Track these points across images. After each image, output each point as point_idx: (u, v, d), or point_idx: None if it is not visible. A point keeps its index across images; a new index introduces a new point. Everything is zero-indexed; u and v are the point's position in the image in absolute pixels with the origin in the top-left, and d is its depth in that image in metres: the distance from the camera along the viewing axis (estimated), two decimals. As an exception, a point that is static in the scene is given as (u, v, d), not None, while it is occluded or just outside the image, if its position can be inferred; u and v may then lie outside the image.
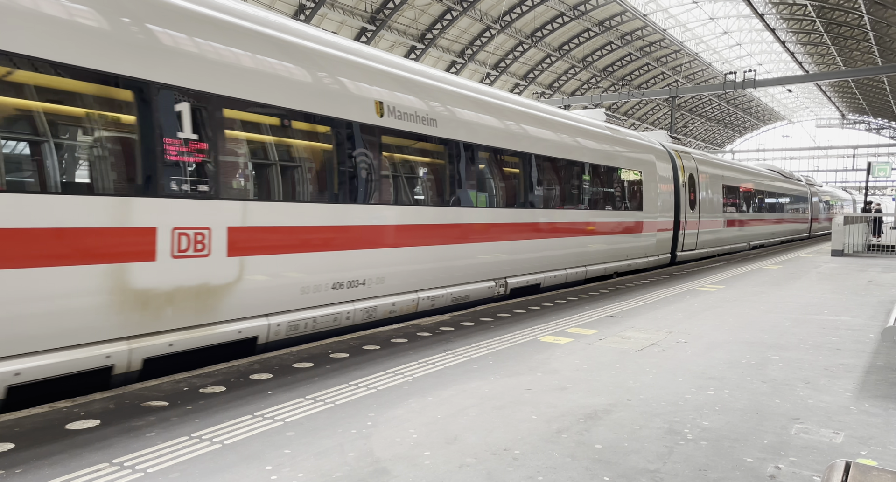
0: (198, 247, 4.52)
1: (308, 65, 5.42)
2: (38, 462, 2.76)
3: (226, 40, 4.80)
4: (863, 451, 3.03)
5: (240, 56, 4.87)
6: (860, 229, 16.79)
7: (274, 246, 5.05)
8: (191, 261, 4.46)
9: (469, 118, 7.30)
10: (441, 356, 4.77)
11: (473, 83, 8.13)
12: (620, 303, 7.55)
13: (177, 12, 4.57)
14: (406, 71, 6.73)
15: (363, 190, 5.87)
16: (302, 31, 5.69)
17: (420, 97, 6.62)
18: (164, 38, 4.37)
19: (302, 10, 32.79)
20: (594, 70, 50.93)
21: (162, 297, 4.28)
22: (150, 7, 4.37)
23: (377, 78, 6.15)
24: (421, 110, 6.58)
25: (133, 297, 4.12)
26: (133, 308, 4.13)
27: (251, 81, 4.90)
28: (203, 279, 4.54)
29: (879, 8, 35.49)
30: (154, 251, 4.25)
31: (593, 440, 3.12)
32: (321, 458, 2.85)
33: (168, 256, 4.32)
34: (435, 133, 6.71)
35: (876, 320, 6.57)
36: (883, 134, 77.50)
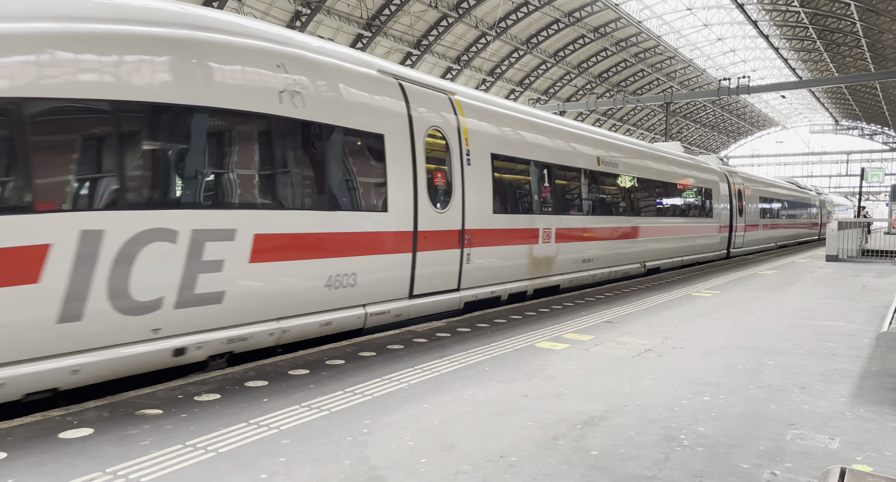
0: (546, 239, 8.65)
1: (567, 138, 9.50)
2: (30, 471, 2.74)
3: (518, 126, 8.24)
4: (858, 457, 3.04)
5: (523, 133, 8.34)
6: (854, 235, 16.88)
7: (574, 237, 9.39)
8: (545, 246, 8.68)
9: (630, 161, 11.51)
10: (437, 362, 4.76)
11: (632, 138, 12.95)
12: (616, 308, 7.56)
13: (492, 114, 7.76)
14: (609, 138, 11.19)
15: (594, 207, 10.09)
16: (548, 116, 9.43)
17: (611, 151, 10.79)
18: (504, 132, 8.00)
19: (298, 17, 32.87)
20: (589, 76, 51.17)
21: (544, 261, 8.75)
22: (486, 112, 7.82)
23: (600, 143, 10.55)
24: (613, 159, 10.80)
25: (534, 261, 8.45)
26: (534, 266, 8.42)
27: (559, 153, 9.12)
28: (548, 253, 8.77)
29: (871, 15, 35.82)
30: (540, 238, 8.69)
31: (590, 446, 3.11)
32: (317, 466, 2.84)
33: (540, 242, 8.55)
34: (616, 171, 10.88)
35: (870, 325, 6.59)
36: (876, 140, 77.99)
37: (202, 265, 4.34)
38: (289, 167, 5.00)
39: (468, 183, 6.99)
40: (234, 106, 4.56)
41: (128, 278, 3.94)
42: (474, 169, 7.10)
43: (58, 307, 3.64)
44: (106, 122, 3.87)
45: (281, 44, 5.12)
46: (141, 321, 4.05)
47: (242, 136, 4.71)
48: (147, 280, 4.04)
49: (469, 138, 7.05)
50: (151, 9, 4.35)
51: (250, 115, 4.68)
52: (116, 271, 3.88)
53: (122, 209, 3.90)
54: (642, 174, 11.89)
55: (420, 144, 6.30)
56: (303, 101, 5.08)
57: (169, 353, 4.24)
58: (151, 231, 4.04)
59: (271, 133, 4.83)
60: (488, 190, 7.36)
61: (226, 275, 4.50)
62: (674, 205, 13.40)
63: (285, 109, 4.92)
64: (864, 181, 39.46)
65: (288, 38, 5.29)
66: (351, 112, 5.56)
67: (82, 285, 3.73)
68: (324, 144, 5.31)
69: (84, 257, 3.72)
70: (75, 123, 3.80)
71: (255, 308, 4.77)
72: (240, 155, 4.69)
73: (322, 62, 5.42)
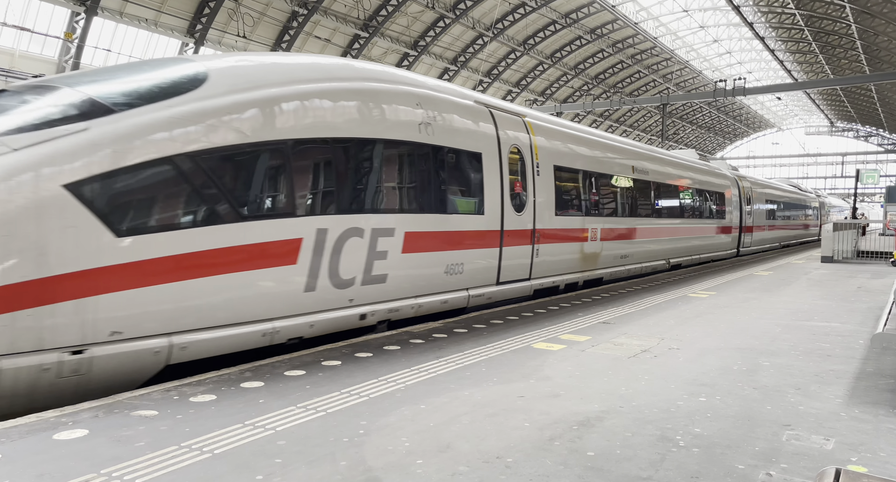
0: (593, 237, 9.92)
1: (607, 150, 10.88)
2: (25, 472, 2.72)
3: (571, 141, 9.61)
4: (853, 458, 3.04)
5: (578, 149, 9.83)
6: (849, 236, 16.94)
7: (614, 237, 10.61)
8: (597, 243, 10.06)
9: (657, 168, 12.79)
10: (433, 363, 4.75)
11: (657, 148, 14.58)
12: (613, 309, 7.57)
13: (553, 132, 9.10)
14: (640, 148, 12.71)
15: (629, 210, 11.28)
16: (592, 131, 10.92)
17: (641, 161, 12.09)
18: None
19: (295, 17, 32.79)
20: (586, 77, 51.24)
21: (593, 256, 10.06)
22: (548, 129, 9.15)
23: (634, 154, 11.97)
24: (644, 167, 12.09)
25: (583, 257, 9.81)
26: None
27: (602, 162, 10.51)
28: (595, 250, 10.02)
29: (867, 17, 35.97)
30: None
31: (586, 447, 3.11)
32: (313, 467, 2.83)
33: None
34: (647, 178, 12.15)
35: (865, 326, 6.61)
36: (871, 141, 78.31)
37: (376, 254, 5.80)
38: (424, 180, 6.46)
39: (537, 190, 8.34)
40: (394, 137, 6.05)
41: (338, 262, 5.41)
42: (542, 178, 8.46)
43: (304, 281, 5.14)
44: (327, 153, 5.43)
45: (416, 86, 6.60)
46: (344, 293, 5.53)
47: (397, 158, 6.18)
48: (348, 263, 5.50)
49: (538, 153, 8.44)
50: (344, 67, 6.05)
51: (402, 143, 6.17)
52: (333, 257, 5.35)
53: (337, 213, 5.41)
54: (667, 180, 13.16)
55: (505, 159, 7.67)
56: (432, 129, 6.54)
57: (357, 318, 5.72)
58: (351, 229, 5.51)
59: (414, 155, 6.31)
60: (552, 196, 8.70)
61: (388, 262, 5.94)
62: (694, 208, 14.69)
63: (422, 137, 6.38)
64: (859, 183, 39.61)
65: (419, 80, 6.84)
66: (461, 136, 6.98)
67: (316, 266, 5.22)
68: (445, 162, 6.74)
69: (318, 247, 5.21)
70: (312, 155, 5.33)
71: (404, 287, 6.20)
72: (396, 172, 6.19)
73: (441, 98, 6.88)
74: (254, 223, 4.75)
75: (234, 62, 5.31)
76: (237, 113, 4.73)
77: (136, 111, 4.29)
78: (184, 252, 4.30)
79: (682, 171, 14.29)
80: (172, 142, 4.33)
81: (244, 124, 4.76)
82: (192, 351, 4.47)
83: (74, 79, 4.79)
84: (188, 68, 4.93)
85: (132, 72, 4.97)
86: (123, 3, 27.64)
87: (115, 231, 4.00)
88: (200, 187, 4.48)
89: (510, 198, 7.70)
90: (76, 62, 26.82)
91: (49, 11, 26.22)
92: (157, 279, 4.18)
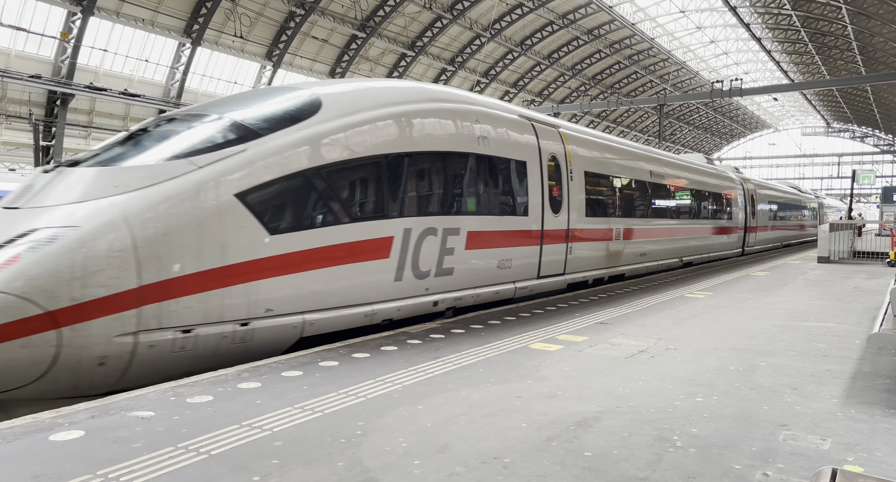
0: (616, 237, 10.70)
1: (631, 157, 11.85)
2: (20, 474, 2.71)
3: (598, 148, 10.37)
4: (849, 458, 3.05)
5: (610, 157, 10.81)
6: (845, 236, 16.98)
7: (634, 236, 11.36)
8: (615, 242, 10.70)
9: (670, 172, 13.55)
10: (431, 364, 4.75)
11: (668, 153, 15.25)
12: (610, 309, 7.58)
13: (583, 141, 9.88)
14: (655, 154, 13.36)
15: (647, 211, 12.09)
16: (615, 139, 11.73)
17: (657, 165, 12.89)
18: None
19: (292, 17, 32.75)
20: (583, 78, 51.30)
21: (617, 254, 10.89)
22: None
23: (652, 159, 12.76)
24: (659, 171, 12.90)
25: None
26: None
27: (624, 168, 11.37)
28: (618, 248, 10.78)
29: (863, 18, 36.09)
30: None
31: (583, 448, 3.11)
32: (310, 468, 2.82)
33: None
34: (662, 181, 12.93)
35: (862, 326, 6.63)
36: (867, 142, 78.56)
37: (446, 250, 6.68)
38: (481, 186, 7.30)
39: (571, 194, 9.16)
40: (460, 149, 6.94)
41: (419, 256, 6.29)
42: (574, 183, 9.29)
43: (394, 272, 6.05)
44: (411, 164, 6.29)
45: (474, 104, 7.48)
46: (421, 283, 6.40)
47: (462, 167, 7.02)
48: (425, 258, 6.39)
49: (571, 160, 9.26)
50: (419, 90, 6.91)
51: (466, 154, 7.03)
52: (415, 252, 6.23)
53: (418, 215, 6.30)
54: (679, 184, 13.99)
55: (545, 166, 8.50)
56: (488, 142, 7.38)
57: (430, 304, 6.62)
58: (428, 229, 6.41)
59: (474, 165, 7.16)
60: (583, 199, 9.52)
61: (455, 257, 6.82)
62: (703, 209, 15.48)
63: (480, 149, 7.23)
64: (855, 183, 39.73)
65: (475, 99, 7.71)
66: (510, 147, 7.79)
67: (403, 260, 6.11)
68: (497, 170, 7.57)
69: (404, 244, 6.11)
70: (400, 166, 6.16)
71: (466, 279, 7.06)
72: (460, 179, 7.01)
73: (493, 114, 7.69)
74: (360, 224, 5.74)
75: (338, 89, 6.35)
76: (346, 133, 5.71)
77: (276, 134, 5.30)
78: (313, 247, 5.31)
79: (693, 174, 15.00)
80: (303, 159, 5.33)
81: (351, 143, 5.73)
82: (317, 327, 5.44)
83: (220, 107, 5.79)
84: (305, 96, 5.93)
85: (259, 99, 5.98)
86: (120, 3, 27.57)
87: (269, 230, 5.01)
88: (323, 195, 5.47)
89: (549, 200, 8.54)
90: (72, 62, 26.75)
91: (45, 11, 26.13)
92: (296, 269, 5.18)
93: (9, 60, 25.63)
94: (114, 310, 4.18)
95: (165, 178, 4.63)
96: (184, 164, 4.79)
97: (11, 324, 3.83)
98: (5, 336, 3.82)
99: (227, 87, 33.55)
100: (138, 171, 4.69)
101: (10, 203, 4.64)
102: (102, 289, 4.15)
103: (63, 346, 4.02)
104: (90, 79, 27.85)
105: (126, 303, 4.24)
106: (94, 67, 28.52)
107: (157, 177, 4.64)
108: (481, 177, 7.26)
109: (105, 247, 4.20)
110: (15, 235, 4.17)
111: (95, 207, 4.36)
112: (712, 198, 16.13)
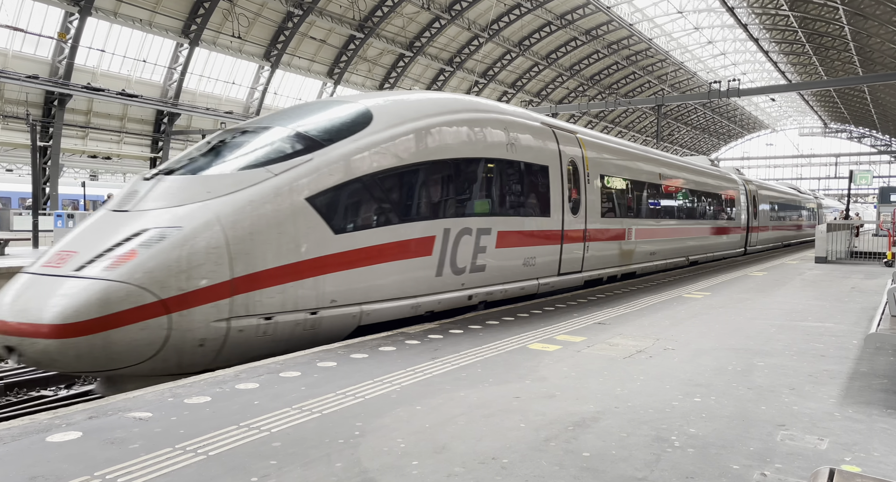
0: (629, 236, 11.23)
1: (646, 161, 12.48)
2: (16, 476, 2.71)
3: (612, 153, 10.93)
4: (847, 458, 3.06)
5: (628, 163, 11.54)
6: (843, 236, 17.00)
7: (645, 236, 11.85)
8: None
9: (678, 174, 14.06)
10: (429, 364, 4.75)
11: (676, 156, 15.85)
12: (608, 310, 7.58)
13: (599, 146, 10.48)
14: (664, 157, 13.90)
15: (657, 212, 12.60)
16: (628, 144, 12.29)
17: (666, 168, 13.36)
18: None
19: (290, 18, 32.72)
20: (581, 78, 51.32)
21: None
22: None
23: (660, 163, 13.29)
24: (668, 174, 13.33)
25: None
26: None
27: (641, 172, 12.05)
28: (630, 247, 11.38)
29: (860, 19, 36.15)
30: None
31: (581, 448, 3.11)
32: (308, 469, 2.82)
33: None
34: (671, 184, 13.42)
35: (859, 326, 6.64)
36: (864, 142, 78.71)
37: (479, 248, 7.19)
38: (509, 189, 7.80)
39: (588, 196, 9.67)
40: (492, 155, 7.45)
41: (456, 254, 6.82)
42: (591, 186, 9.81)
43: (435, 269, 6.60)
44: (449, 169, 6.82)
45: (503, 113, 7.98)
46: (458, 279, 6.94)
47: (493, 172, 7.49)
48: (461, 255, 6.92)
49: (588, 164, 9.76)
50: (454, 100, 7.46)
51: (497, 160, 7.53)
52: (453, 250, 6.76)
53: (455, 217, 6.83)
54: (687, 186, 14.51)
55: (565, 170, 8.99)
56: (515, 148, 7.85)
57: (466, 298, 7.13)
58: (464, 228, 6.93)
59: (503, 170, 7.65)
60: (598, 201, 10.04)
61: (487, 255, 7.32)
62: (709, 210, 16.01)
63: (508, 154, 7.73)
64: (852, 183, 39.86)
65: (503, 108, 8.20)
66: (534, 153, 8.28)
67: (443, 257, 6.65)
68: (523, 174, 8.07)
69: (444, 243, 6.65)
70: (440, 172, 6.68)
71: (496, 275, 7.56)
72: (492, 183, 7.48)
73: (519, 122, 8.17)
74: (408, 224, 6.28)
75: (386, 102, 6.83)
76: (394, 143, 6.27)
77: (337, 144, 5.88)
78: (369, 245, 5.89)
79: (699, 177, 15.53)
80: (359, 166, 5.89)
81: (399, 151, 6.28)
82: (372, 316, 5.99)
83: (285, 120, 6.34)
84: (358, 109, 6.51)
85: (317, 112, 6.52)
86: (118, 4, 27.52)
87: (333, 230, 5.59)
88: (377, 198, 6.03)
89: (568, 202, 9.08)
90: (70, 63, 26.70)
91: (43, 11, 26.08)
92: (355, 264, 5.76)
93: (6, 61, 25.57)
94: (212, 298, 4.81)
95: (248, 185, 5.27)
96: (262, 172, 5.42)
97: (133, 309, 4.46)
98: (128, 320, 4.44)
99: (224, 87, 33.50)
100: (226, 179, 5.35)
101: (119, 206, 5.28)
102: (203, 280, 4.78)
103: (172, 329, 4.63)
104: (88, 79, 27.80)
105: (221, 293, 4.86)
106: (91, 68, 28.47)
107: (242, 183, 5.28)
108: (510, 181, 7.78)
109: (204, 245, 4.83)
110: (130, 234, 4.82)
111: (193, 210, 5.02)
112: (717, 199, 16.63)
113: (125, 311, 4.41)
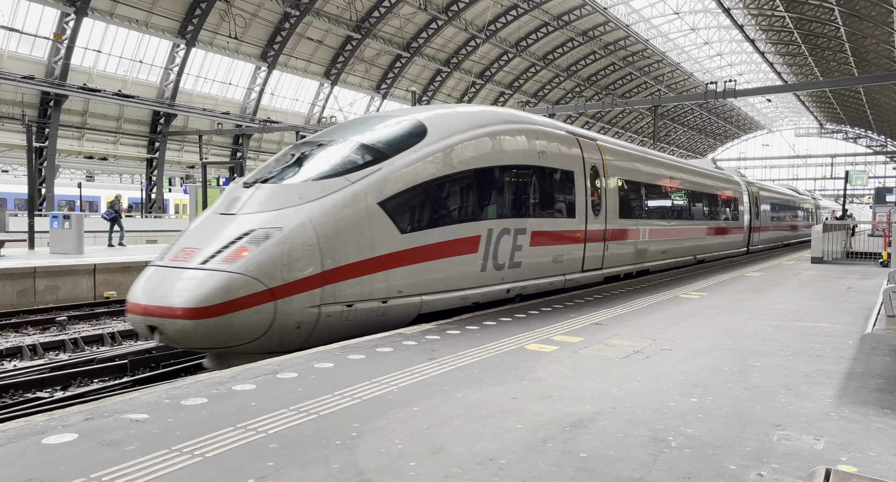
0: (643, 236, 11.83)
1: (660, 167, 13.19)
2: (11, 479, 2.69)
3: (627, 158, 11.59)
4: (843, 458, 3.07)
5: (648, 167, 12.49)
6: (839, 237, 17.05)
7: (658, 236, 12.44)
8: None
9: (686, 177, 14.61)
10: (427, 365, 4.75)
11: (683, 159, 16.50)
12: (605, 310, 7.59)
13: (616, 152, 11.12)
14: (674, 161, 14.64)
15: (668, 213, 13.24)
16: (641, 149, 12.94)
17: (675, 172, 14.00)
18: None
19: (287, 18, 32.68)
20: (578, 79, 51.38)
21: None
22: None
23: (671, 166, 13.84)
24: (678, 177, 14.04)
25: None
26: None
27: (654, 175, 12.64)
28: (645, 247, 11.98)
29: (855, 20, 36.29)
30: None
31: (578, 449, 3.12)
32: (305, 470, 2.82)
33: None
34: (680, 186, 14.11)
35: (855, 327, 6.66)
36: (860, 143, 78.94)
37: (516, 246, 7.89)
38: (541, 193, 8.45)
39: (608, 199, 10.35)
40: (526, 163, 8.16)
41: (497, 251, 7.56)
42: (611, 189, 10.49)
43: (480, 264, 7.33)
44: (492, 176, 7.52)
45: (535, 124, 8.67)
46: (498, 274, 7.65)
47: (528, 177, 8.18)
48: (501, 253, 7.64)
49: (607, 169, 10.44)
50: (494, 113, 8.21)
51: (531, 167, 8.24)
52: (494, 248, 7.49)
53: (497, 218, 7.54)
54: (694, 188, 15.15)
55: (588, 175, 9.66)
56: (545, 155, 8.55)
57: (504, 291, 7.88)
58: (504, 229, 7.65)
59: (536, 175, 8.34)
60: (617, 203, 10.66)
61: (523, 252, 8.03)
62: (715, 211, 16.65)
63: (540, 161, 8.43)
64: (848, 184, 39.97)
65: (534, 119, 8.85)
66: (562, 159, 8.96)
67: (486, 254, 7.39)
68: (553, 179, 8.76)
69: (487, 241, 7.37)
70: (484, 178, 7.40)
71: (530, 271, 8.27)
72: (527, 187, 8.18)
73: (548, 131, 8.86)
74: (458, 225, 7.02)
75: (436, 115, 7.59)
76: (446, 153, 7.01)
77: (400, 155, 6.65)
78: (428, 243, 6.66)
79: (706, 179, 16.16)
80: (419, 174, 6.66)
81: (451, 160, 7.02)
82: (429, 306, 6.75)
83: (354, 133, 7.08)
84: (414, 122, 7.24)
85: (379, 126, 7.24)
86: (114, 4, 27.46)
87: (400, 230, 6.37)
88: (434, 202, 6.79)
89: (591, 204, 9.73)
90: (66, 63, 26.63)
91: (38, 12, 26.01)
92: (415, 260, 6.53)
93: (1, 61, 25.48)
94: (307, 288, 5.64)
95: (332, 191, 6.09)
96: (342, 180, 6.22)
97: (249, 296, 5.31)
98: (245, 305, 5.29)
99: (221, 87, 33.45)
100: (314, 186, 6.16)
101: (226, 210, 6.20)
102: (300, 273, 5.60)
103: (277, 314, 5.45)
104: (84, 80, 27.72)
105: (314, 283, 5.69)
106: (87, 68, 28.40)
107: (327, 190, 6.10)
108: (541, 185, 8.46)
109: (301, 242, 5.66)
110: (241, 233, 5.69)
111: (290, 213, 5.85)
112: (722, 201, 17.30)
113: (243, 298, 5.26)
